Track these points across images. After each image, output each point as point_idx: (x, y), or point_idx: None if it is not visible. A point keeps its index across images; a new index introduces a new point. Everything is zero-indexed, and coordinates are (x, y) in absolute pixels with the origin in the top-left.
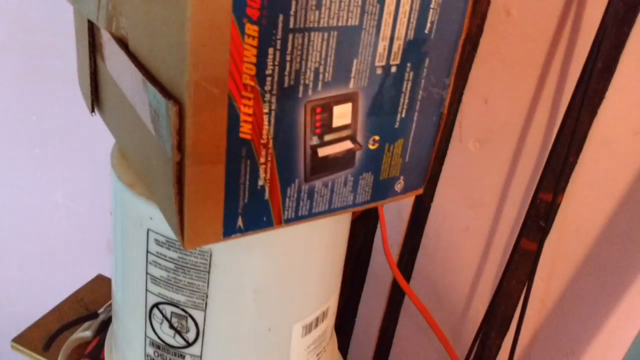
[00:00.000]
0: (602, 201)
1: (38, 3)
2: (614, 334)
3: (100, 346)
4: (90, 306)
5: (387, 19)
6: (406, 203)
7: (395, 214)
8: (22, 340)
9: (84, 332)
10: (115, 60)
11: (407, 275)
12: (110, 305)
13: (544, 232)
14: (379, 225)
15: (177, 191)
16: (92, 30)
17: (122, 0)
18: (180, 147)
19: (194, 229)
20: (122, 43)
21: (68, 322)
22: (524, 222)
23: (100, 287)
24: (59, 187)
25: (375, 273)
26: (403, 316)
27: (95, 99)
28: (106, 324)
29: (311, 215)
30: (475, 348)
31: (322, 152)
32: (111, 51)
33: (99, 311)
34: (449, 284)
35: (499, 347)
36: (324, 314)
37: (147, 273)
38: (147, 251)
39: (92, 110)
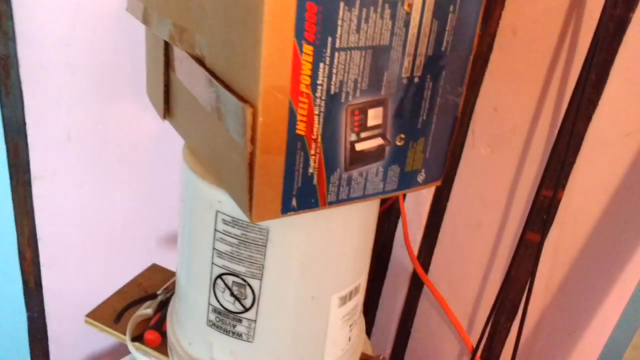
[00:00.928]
0: (597, 195)
1: (105, 28)
2: (610, 312)
3: (161, 320)
4: (148, 289)
5: (412, 39)
6: (425, 202)
7: (414, 212)
8: (94, 315)
9: (146, 310)
10: (191, 75)
11: (426, 268)
12: (167, 287)
13: (546, 224)
14: (399, 222)
15: (249, 175)
16: (166, 50)
17: (200, 29)
18: (252, 140)
19: (260, 206)
20: (199, 61)
21: (132, 301)
22: (528, 216)
23: (154, 274)
24: (117, 188)
25: (395, 266)
26: (421, 305)
27: (166, 107)
28: (164, 303)
29: (349, 199)
30: (486, 332)
31: (359, 146)
32: (187, 67)
33: (157, 292)
34: (463, 274)
35: (508, 330)
36: (357, 289)
37: (213, 248)
38: (215, 229)
39: (164, 117)
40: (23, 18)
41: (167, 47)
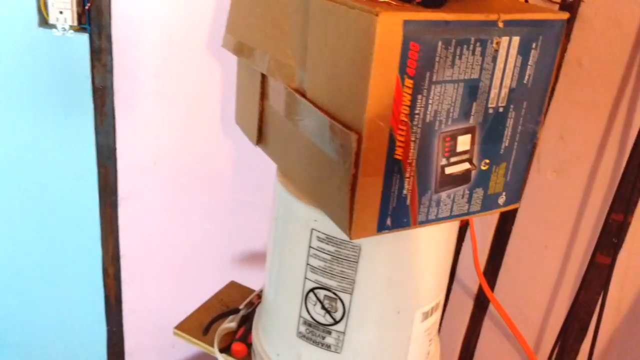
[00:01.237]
0: None
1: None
2: None
3: (246, 332)
4: (229, 305)
5: (498, 73)
6: (490, 226)
7: (479, 235)
8: (182, 328)
9: (230, 323)
10: (290, 105)
11: (490, 289)
12: (248, 302)
13: (617, 247)
14: (464, 243)
15: (350, 195)
16: (262, 83)
17: (302, 65)
18: (356, 164)
19: (359, 224)
20: (299, 92)
21: (217, 315)
22: (598, 239)
23: (234, 290)
24: (196, 209)
25: (459, 287)
26: (485, 326)
27: (259, 134)
28: (246, 317)
29: (437, 219)
30: (554, 353)
31: (448, 170)
32: (288, 99)
33: (240, 307)
34: (529, 296)
35: (577, 352)
36: (437, 305)
37: (307, 264)
38: (310, 246)
39: (256, 143)
40: (121, 52)
41: (263, 79)
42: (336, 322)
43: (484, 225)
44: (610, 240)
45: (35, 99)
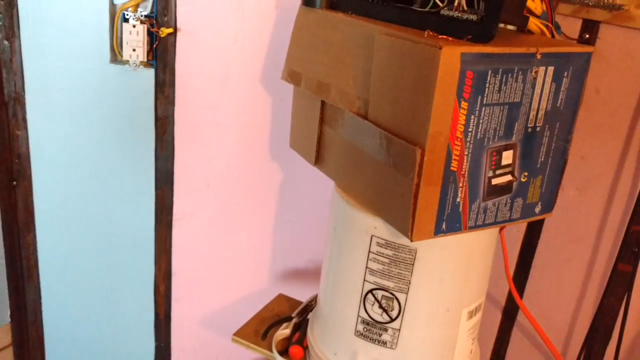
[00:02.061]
0: None
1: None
2: None
3: (301, 337)
4: (280, 314)
5: (536, 97)
6: (517, 241)
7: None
8: (240, 334)
9: (284, 330)
10: (352, 126)
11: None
12: (299, 311)
13: (637, 256)
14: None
15: (413, 202)
16: (322, 109)
17: (364, 92)
18: (419, 174)
19: (419, 228)
20: (360, 115)
21: (273, 322)
22: (620, 249)
23: (283, 302)
24: (244, 229)
25: (488, 298)
26: (514, 335)
27: (317, 155)
28: (298, 324)
29: (484, 225)
30: (582, 356)
31: (495, 181)
32: (350, 122)
33: (292, 315)
34: (555, 305)
35: (602, 355)
36: (480, 305)
37: (366, 267)
38: (369, 251)
39: (315, 163)
40: (182, 85)
41: (322, 106)
42: (392, 320)
43: (512, 240)
44: (631, 249)
45: (102, 127)
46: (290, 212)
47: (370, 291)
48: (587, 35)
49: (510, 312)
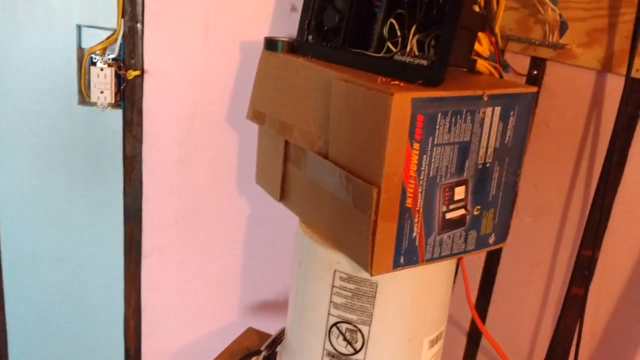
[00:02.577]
0: (629, 253)
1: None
2: None
3: None
4: (250, 347)
5: (485, 136)
6: (478, 267)
7: (469, 275)
8: None
9: None
10: (314, 165)
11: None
12: (268, 344)
13: (588, 280)
14: (455, 284)
15: (372, 238)
16: (286, 147)
17: (324, 133)
18: (376, 212)
19: (378, 263)
20: (321, 155)
21: (241, 356)
22: (572, 273)
23: (252, 335)
24: (213, 263)
25: (451, 323)
26: (479, 358)
27: (282, 192)
28: (267, 357)
29: (440, 257)
30: None
31: (449, 215)
32: (311, 161)
33: (261, 348)
34: (516, 328)
35: None
36: (441, 334)
37: (331, 301)
38: (333, 285)
39: (280, 199)
40: (150, 124)
41: (286, 145)
42: (357, 352)
43: (473, 267)
44: (582, 274)
45: (71, 167)
46: (259, 246)
47: (335, 324)
48: (535, 72)
49: (474, 337)
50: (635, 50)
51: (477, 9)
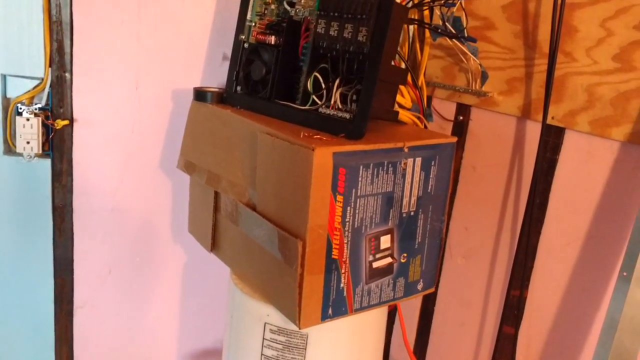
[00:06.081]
0: (554, 292)
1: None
2: None
3: None
4: None
5: (407, 186)
6: (415, 308)
7: (407, 318)
8: None
9: None
10: (243, 217)
11: None
12: None
13: (518, 318)
14: (394, 327)
15: (299, 291)
16: (215, 198)
17: (252, 185)
18: (302, 264)
19: (306, 315)
20: (249, 206)
21: None
22: (503, 312)
23: None
24: (149, 312)
25: None
26: None
27: (213, 242)
28: None
29: (369, 306)
30: None
31: (375, 264)
32: (241, 212)
33: None
34: None
35: None
36: None
37: (262, 354)
38: (263, 338)
39: (211, 250)
40: (81, 174)
41: (216, 195)
42: None
43: (410, 308)
44: (512, 312)
45: None
46: (195, 293)
47: None
48: (461, 117)
49: None
50: (549, 99)
51: (399, 63)
